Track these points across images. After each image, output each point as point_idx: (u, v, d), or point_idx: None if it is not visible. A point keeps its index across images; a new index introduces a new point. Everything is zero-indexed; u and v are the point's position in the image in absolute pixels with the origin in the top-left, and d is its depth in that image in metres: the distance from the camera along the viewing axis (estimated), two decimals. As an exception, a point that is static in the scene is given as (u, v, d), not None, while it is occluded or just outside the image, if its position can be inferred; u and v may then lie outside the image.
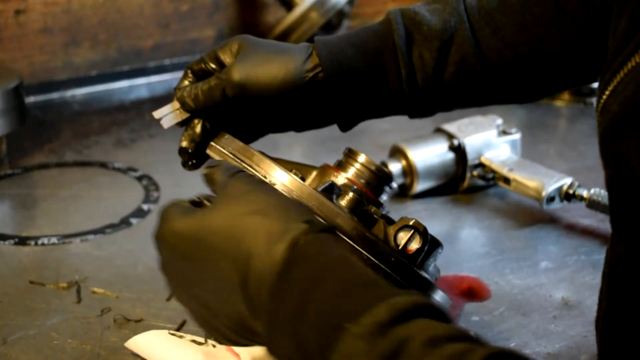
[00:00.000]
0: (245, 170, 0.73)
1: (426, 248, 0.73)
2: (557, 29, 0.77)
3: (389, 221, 0.76)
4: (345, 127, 0.82)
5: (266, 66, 0.77)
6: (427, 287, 0.72)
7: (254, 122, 0.81)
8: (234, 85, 0.76)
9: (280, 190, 0.70)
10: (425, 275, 0.72)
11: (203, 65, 0.80)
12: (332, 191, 0.75)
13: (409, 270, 0.70)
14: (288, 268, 0.57)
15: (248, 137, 0.82)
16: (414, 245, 0.72)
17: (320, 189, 0.74)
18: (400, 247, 0.72)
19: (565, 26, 0.77)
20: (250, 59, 0.77)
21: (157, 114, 0.80)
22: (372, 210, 0.75)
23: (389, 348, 0.49)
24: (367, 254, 0.68)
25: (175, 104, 0.80)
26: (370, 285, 0.56)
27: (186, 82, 0.81)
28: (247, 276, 0.58)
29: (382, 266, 0.69)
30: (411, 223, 0.73)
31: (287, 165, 0.77)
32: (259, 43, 0.79)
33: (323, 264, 0.57)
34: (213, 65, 0.80)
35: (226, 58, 0.79)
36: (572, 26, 0.77)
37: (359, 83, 0.79)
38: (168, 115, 0.80)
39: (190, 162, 0.80)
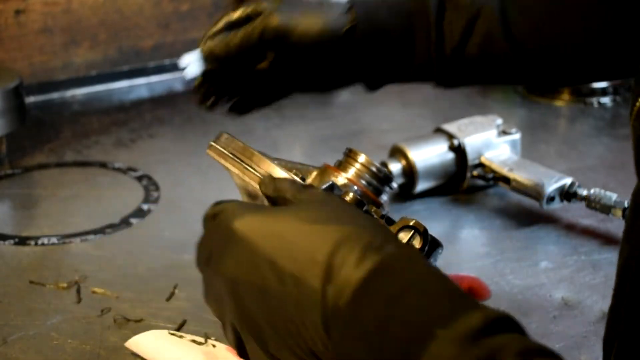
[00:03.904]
0: (247, 172, 0.73)
1: (427, 248, 0.73)
2: (585, 19, 0.78)
3: (390, 222, 0.76)
4: (371, 87, 0.83)
5: (305, 15, 0.78)
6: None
7: (282, 78, 0.81)
8: (273, 28, 0.76)
9: None
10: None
11: (242, 14, 0.80)
12: (332, 191, 0.75)
13: None
14: (372, 277, 0.53)
15: (271, 96, 0.82)
16: (415, 246, 0.72)
17: (320, 189, 0.74)
18: None
19: (593, 16, 0.77)
20: (289, 8, 0.78)
21: (183, 62, 0.78)
22: (373, 210, 0.75)
23: (482, 355, 0.47)
24: None
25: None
26: (461, 297, 0.53)
27: (215, 29, 0.80)
28: (329, 281, 0.53)
29: None
30: (411, 223, 0.73)
31: (287, 165, 0.77)
32: None
33: (410, 274, 0.54)
34: (251, 12, 0.79)
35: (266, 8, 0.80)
36: (599, 17, 0.77)
37: (390, 43, 0.80)
38: (194, 63, 0.78)
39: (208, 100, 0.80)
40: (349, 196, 0.74)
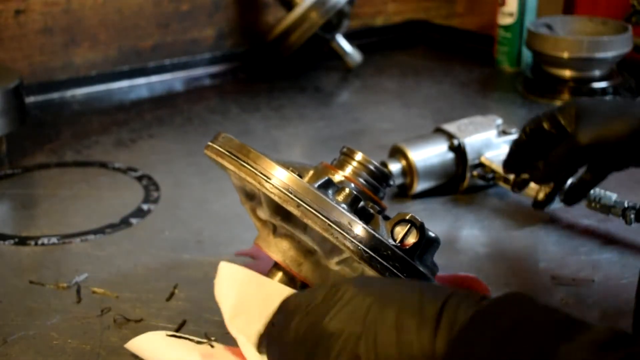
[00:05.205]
0: (244, 168, 0.73)
1: (423, 242, 0.73)
2: None
3: (386, 218, 0.77)
4: None
5: (608, 123, 0.83)
6: (425, 281, 0.72)
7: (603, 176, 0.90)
8: (583, 150, 0.83)
9: (279, 187, 0.70)
10: (423, 269, 0.72)
11: (544, 125, 0.89)
12: (328, 187, 0.75)
13: (406, 263, 0.70)
14: (482, 316, 0.55)
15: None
16: (411, 240, 0.72)
17: (317, 184, 0.74)
18: (397, 241, 0.72)
19: None
20: (592, 122, 0.84)
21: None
22: (370, 205, 0.75)
23: (619, 358, 0.46)
24: (364, 248, 0.68)
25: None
26: (577, 320, 0.52)
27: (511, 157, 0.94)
28: (440, 328, 0.56)
29: (379, 259, 0.69)
30: (407, 217, 0.73)
31: (285, 163, 0.77)
32: (595, 105, 0.87)
33: (521, 309, 0.54)
34: (552, 128, 0.88)
35: (566, 123, 0.87)
36: None
37: None
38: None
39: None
40: (345, 192, 0.74)
